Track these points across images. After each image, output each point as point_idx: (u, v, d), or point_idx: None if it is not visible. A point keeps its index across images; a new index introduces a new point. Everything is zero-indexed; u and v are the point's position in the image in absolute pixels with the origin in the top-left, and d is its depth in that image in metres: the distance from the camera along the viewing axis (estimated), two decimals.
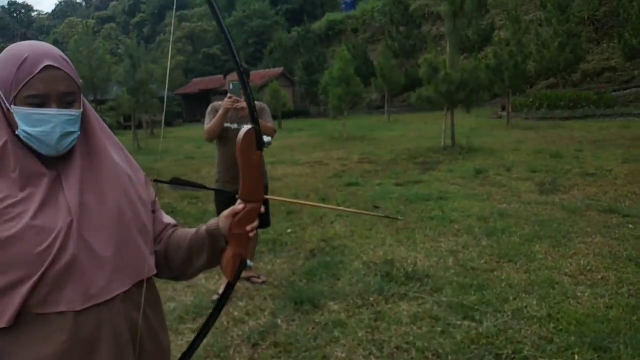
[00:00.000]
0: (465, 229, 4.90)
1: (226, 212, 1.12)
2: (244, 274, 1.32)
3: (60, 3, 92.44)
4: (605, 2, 23.95)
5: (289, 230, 5.22)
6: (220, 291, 3.46)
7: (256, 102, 3.72)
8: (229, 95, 3.37)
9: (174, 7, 1.74)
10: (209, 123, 3.50)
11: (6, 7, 75.84)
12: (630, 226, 4.66)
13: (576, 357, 2.52)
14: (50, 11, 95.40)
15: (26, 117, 0.91)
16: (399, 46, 24.67)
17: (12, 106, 0.91)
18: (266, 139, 1.10)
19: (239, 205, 1.10)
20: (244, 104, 3.33)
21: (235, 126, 3.53)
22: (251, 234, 1.12)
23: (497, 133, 14.50)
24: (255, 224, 1.12)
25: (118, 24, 56.72)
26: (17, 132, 0.91)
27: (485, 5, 24.35)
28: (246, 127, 1.09)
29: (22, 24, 71.47)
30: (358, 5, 38.37)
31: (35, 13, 73.36)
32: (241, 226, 1.09)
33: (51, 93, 0.92)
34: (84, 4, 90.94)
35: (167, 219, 1.21)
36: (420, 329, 2.94)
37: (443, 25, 29.51)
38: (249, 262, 1.15)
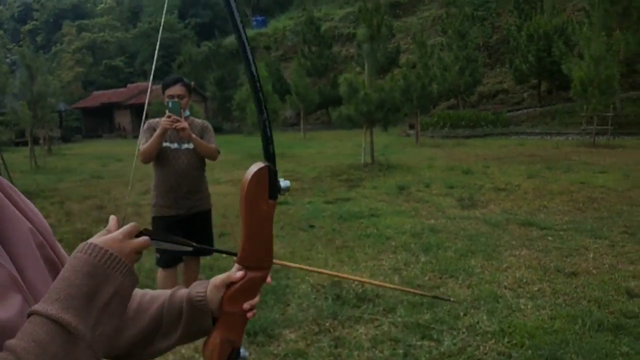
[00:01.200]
0: (402, 246, 4.99)
1: (218, 280, 0.83)
2: None
3: None
4: (497, 30, 26.49)
5: (224, 255, 4.93)
6: None
7: (198, 120, 3.50)
8: (167, 113, 3.09)
9: None
10: (145, 143, 3.17)
11: None
12: (550, 238, 5.04)
13: None
14: None
15: None
16: (312, 65, 25.21)
17: None
18: (283, 183, 0.80)
19: (236, 273, 0.81)
20: (184, 124, 3.07)
21: (175, 145, 3.25)
22: (250, 315, 0.82)
23: (409, 150, 15.24)
24: (256, 299, 0.82)
25: (6, 31, 51.58)
26: None
27: (392, 30, 25.74)
28: (256, 166, 0.79)
29: None
30: (269, 23, 38.69)
31: None
32: (237, 302, 0.81)
33: None
34: None
35: None
36: (382, 352, 2.87)
37: (352, 46, 30.77)
38: (242, 352, 0.85)
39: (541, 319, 3.19)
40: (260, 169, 0.78)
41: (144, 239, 0.70)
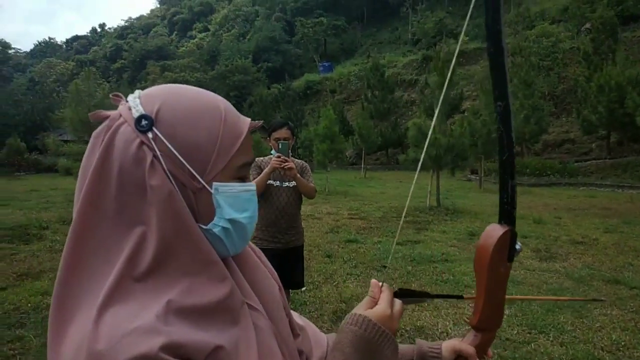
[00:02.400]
0: None
1: (451, 345, 0.85)
2: None
3: (40, 43, 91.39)
4: (563, 80, 25.94)
5: (304, 289, 5.03)
6: None
7: (297, 160, 3.70)
8: (276, 154, 3.29)
9: None
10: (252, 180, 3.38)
11: None
12: None
13: None
14: (28, 50, 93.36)
15: (235, 198, 0.65)
16: (374, 108, 25.69)
17: (214, 183, 0.63)
18: (518, 246, 0.80)
19: (471, 341, 0.82)
20: (291, 164, 3.26)
21: (277, 183, 3.44)
22: None
23: (473, 195, 14.96)
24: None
25: (98, 68, 56.82)
26: (207, 227, 0.63)
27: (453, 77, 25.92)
28: (497, 229, 0.79)
29: None
30: (335, 69, 40.16)
31: (12, 51, 71.61)
32: None
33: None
34: (64, 46, 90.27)
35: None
36: None
37: (414, 91, 31.17)
38: None
39: None
40: (504, 233, 0.77)
41: (401, 306, 0.77)
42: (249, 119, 0.69)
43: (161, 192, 0.57)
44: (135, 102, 0.61)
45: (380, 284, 0.78)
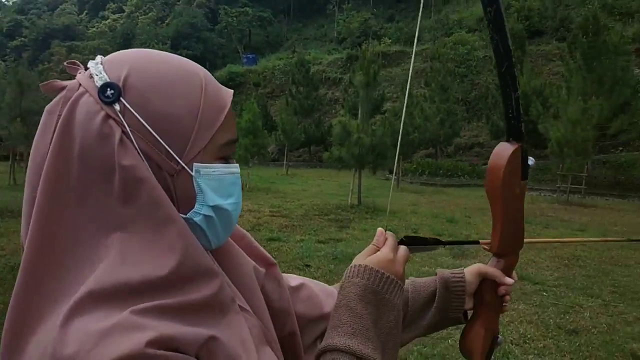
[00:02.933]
0: None
1: (476, 268, 0.80)
2: None
3: None
4: (476, 87, 27.68)
5: None
6: None
7: None
8: None
9: None
10: None
11: None
12: (544, 293, 5.15)
13: None
14: None
15: (219, 182, 0.56)
16: (299, 104, 25.67)
17: (195, 164, 0.54)
18: (531, 161, 0.75)
19: (496, 265, 0.78)
20: None
21: None
22: (507, 298, 0.79)
23: (391, 194, 15.44)
24: (511, 282, 0.78)
25: None
26: (187, 215, 0.54)
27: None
28: (506, 147, 0.73)
29: None
30: (259, 62, 39.53)
31: None
32: (495, 289, 0.78)
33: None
34: None
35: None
36: None
37: (338, 90, 31.61)
38: (500, 338, 0.81)
39: None
40: (515, 151, 0.72)
41: (405, 251, 0.70)
42: (231, 90, 0.61)
43: (135, 175, 0.49)
44: (97, 69, 0.53)
45: (384, 231, 0.72)
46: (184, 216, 0.53)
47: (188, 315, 0.48)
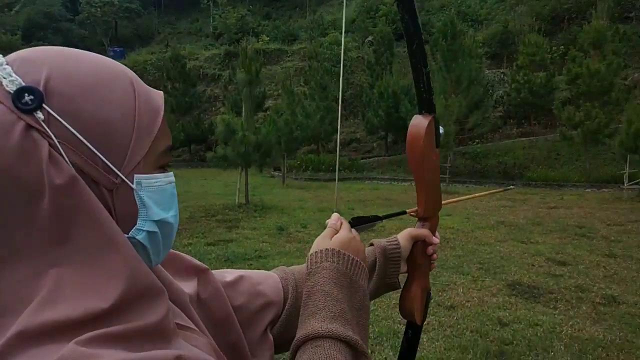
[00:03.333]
0: None
1: (407, 233, 0.85)
2: None
3: None
4: (351, 86, 29.08)
5: None
6: None
7: None
8: None
9: None
10: None
11: None
12: None
13: None
14: None
15: (161, 193, 0.51)
16: (176, 102, 24.50)
17: (136, 175, 0.49)
18: (441, 129, 0.81)
19: (422, 228, 0.84)
20: None
21: None
22: (435, 257, 0.86)
23: (277, 191, 15.61)
24: (437, 241, 0.86)
25: None
26: (130, 233, 0.49)
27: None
28: (422, 119, 0.78)
29: None
30: (128, 56, 36.79)
31: None
32: (424, 251, 0.85)
33: None
34: None
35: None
36: None
37: (217, 87, 30.86)
38: (431, 293, 0.91)
39: (438, 351, 3.56)
40: (430, 122, 0.77)
41: (355, 232, 0.72)
42: (161, 92, 0.55)
43: (71, 196, 0.43)
44: (4, 71, 0.44)
45: (339, 215, 0.74)
46: (125, 236, 0.47)
47: (140, 340, 0.44)
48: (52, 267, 0.42)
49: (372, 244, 0.87)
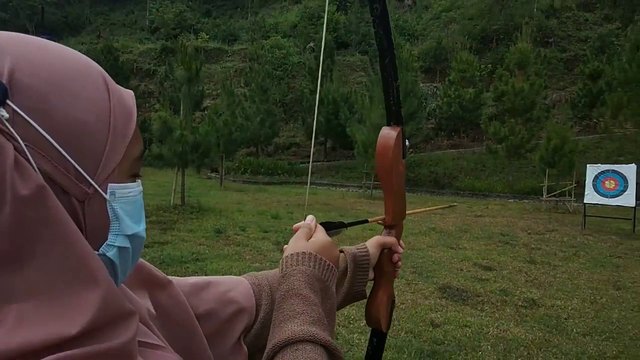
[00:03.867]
0: None
1: (375, 241, 0.86)
2: None
3: None
4: (292, 90, 29.20)
5: None
6: None
7: None
8: None
9: None
10: None
11: None
12: None
13: None
14: None
15: (133, 205, 0.47)
16: None
17: (110, 185, 0.44)
18: (407, 142, 0.86)
19: (389, 236, 0.85)
20: None
21: None
22: (399, 264, 0.88)
23: (215, 193, 15.31)
24: (401, 250, 0.88)
25: None
26: (101, 250, 0.44)
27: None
28: (390, 130, 0.81)
29: None
30: None
31: None
32: (390, 258, 0.86)
33: None
34: None
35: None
36: None
37: (152, 83, 29.74)
38: (394, 300, 0.92)
39: None
40: (399, 133, 0.80)
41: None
42: (131, 91, 0.50)
43: (39, 209, 0.37)
44: None
45: (314, 218, 0.73)
46: (96, 252, 0.42)
47: None
48: (10, 302, 0.36)
49: (341, 251, 0.85)
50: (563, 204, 14.05)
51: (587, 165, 10.90)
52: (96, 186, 0.42)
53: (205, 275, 4.30)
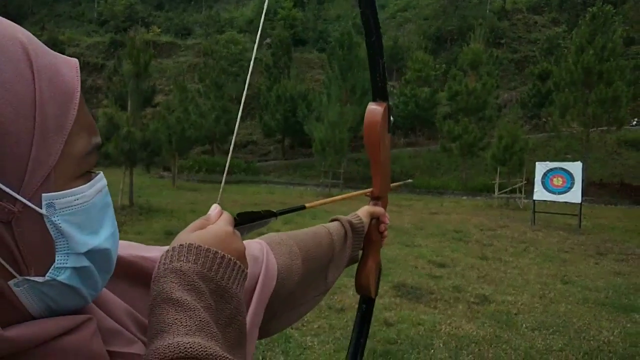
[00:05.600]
0: None
1: (365, 211, 0.90)
2: None
3: None
4: (249, 86, 28.84)
5: None
6: None
7: None
8: None
9: None
10: None
11: None
12: None
13: None
14: None
15: (86, 214, 0.38)
16: None
17: (45, 195, 0.35)
18: (391, 118, 0.90)
19: (378, 206, 0.90)
20: None
21: None
22: (386, 234, 0.93)
23: (167, 193, 14.81)
24: (387, 220, 0.92)
25: None
26: (48, 276, 0.36)
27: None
28: (377, 105, 0.85)
29: None
30: None
31: None
32: (377, 228, 0.91)
33: None
34: None
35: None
36: None
37: (100, 77, 28.52)
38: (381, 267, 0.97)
39: (328, 353, 3.55)
40: (385, 108, 0.84)
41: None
42: (75, 59, 0.41)
43: None
44: None
45: (219, 206, 0.57)
46: (40, 280, 0.34)
47: None
48: None
49: (336, 219, 0.87)
50: (514, 201, 14.52)
51: (536, 162, 11.25)
52: (24, 200, 0.33)
53: None
